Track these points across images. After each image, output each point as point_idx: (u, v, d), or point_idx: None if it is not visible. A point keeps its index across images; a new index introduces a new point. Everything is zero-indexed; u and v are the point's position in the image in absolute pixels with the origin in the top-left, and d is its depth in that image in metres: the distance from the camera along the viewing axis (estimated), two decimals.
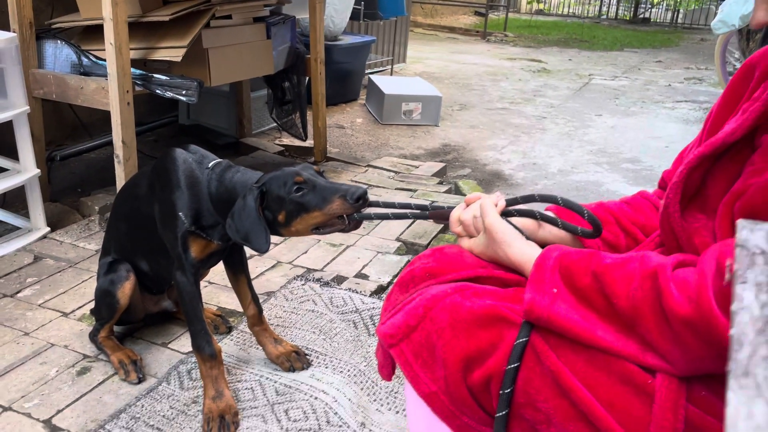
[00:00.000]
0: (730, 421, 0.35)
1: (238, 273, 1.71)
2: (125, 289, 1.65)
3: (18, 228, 2.47)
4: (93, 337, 1.76)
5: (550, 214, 1.12)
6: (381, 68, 6.02)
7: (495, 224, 1.06)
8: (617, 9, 15.04)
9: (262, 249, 1.36)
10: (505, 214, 1.10)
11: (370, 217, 1.31)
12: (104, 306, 1.68)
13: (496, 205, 1.10)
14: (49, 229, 2.45)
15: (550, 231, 1.13)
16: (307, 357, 1.74)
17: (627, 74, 7.10)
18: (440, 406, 0.97)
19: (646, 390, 0.86)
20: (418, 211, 1.25)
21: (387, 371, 1.09)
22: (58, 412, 1.55)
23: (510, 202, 1.11)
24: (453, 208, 1.18)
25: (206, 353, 1.52)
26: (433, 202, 2.94)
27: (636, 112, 5.25)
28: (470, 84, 6.06)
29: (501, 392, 0.92)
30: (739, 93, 1.01)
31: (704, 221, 0.96)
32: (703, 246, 0.91)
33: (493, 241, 1.06)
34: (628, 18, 14.64)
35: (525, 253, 1.02)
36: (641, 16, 14.53)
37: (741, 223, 0.64)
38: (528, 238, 1.09)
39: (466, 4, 11.74)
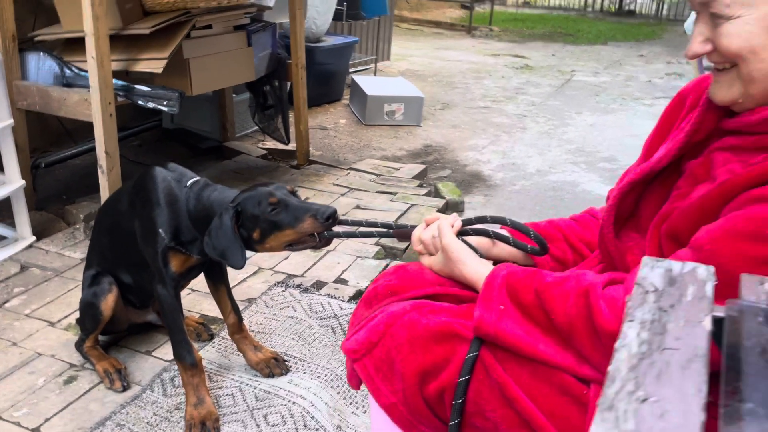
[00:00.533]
0: None
1: (218, 284, 1.78)
2: (108, 301, 1.72)
3: (4, 237, 2.52)
4: (79, 346, 1.83)
5: (503, 232, 1.20)
6: (365, 66, 6.08)
7: (451, 244, 1.14)
8: (603, 1, 15.11)
9: (238, 265, 1.43)
10: (463, 233, 1.18)
11: (339, 235, 1.38)
12: (89, 317, 1.75)
13: (452, 226, 1.18)
14: (35, 238, 2.50)
15: (503, 248, 1.21)
16: (286, 363, 1.82)
17: (609, 70, 7.19)
18: (399, 416, 1.05)
19: (582, 400, 0.94)
20: (384, 230, 1.32)
21: (355, 381, 1.17)
22: (46, 420, 1.62)
23: (465, 223, 1.19)
24: (415, 227, 1.26)
25: (187, 362, 1.59)
26: (411, 205, 3.02)
27: (615, 109, 5.35)
28: (453, 82, 6.13)
29: (453, 403, 1.01)
30: (671, 120, 1.10)
31: (637, 240, 1.05)
32: (635, 263, 1.00)
33: (449, 259, 1.14)
34: (613, 10, 14.72)
35: (477, 272, 1.10)
36: (626, 8, 14.62)
37: (645, 260, 0.72)
38: (483, 255, 1.17)
39: None
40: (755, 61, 0.88)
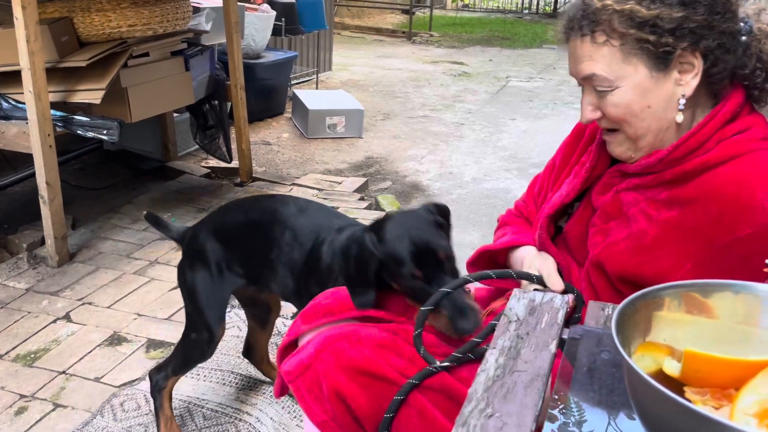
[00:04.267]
0: None
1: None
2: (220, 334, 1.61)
3: None
4: (158, 390, 1.64)
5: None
6: (307, 78, 6.17)
7: None
8: (539, 3, 15.59)
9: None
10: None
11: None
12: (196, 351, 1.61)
13: None
14: None
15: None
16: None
17: (542, 74, 7.50)
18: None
19: None
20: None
21: (278, 393, 1.30)
22: None
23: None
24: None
25: None
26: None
27: (547, 114, 5.61)
28: (394, 91, 6.29)
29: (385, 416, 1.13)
30: (571, 152, 1.26)
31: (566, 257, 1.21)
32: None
33: None
34: (548, 11, 15.21)
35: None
36: (561, 9, 15.14)
37: (514, 291, 0.87)
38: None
39: (391, 6, 11.97)
40: (637, 121, 1.04)
